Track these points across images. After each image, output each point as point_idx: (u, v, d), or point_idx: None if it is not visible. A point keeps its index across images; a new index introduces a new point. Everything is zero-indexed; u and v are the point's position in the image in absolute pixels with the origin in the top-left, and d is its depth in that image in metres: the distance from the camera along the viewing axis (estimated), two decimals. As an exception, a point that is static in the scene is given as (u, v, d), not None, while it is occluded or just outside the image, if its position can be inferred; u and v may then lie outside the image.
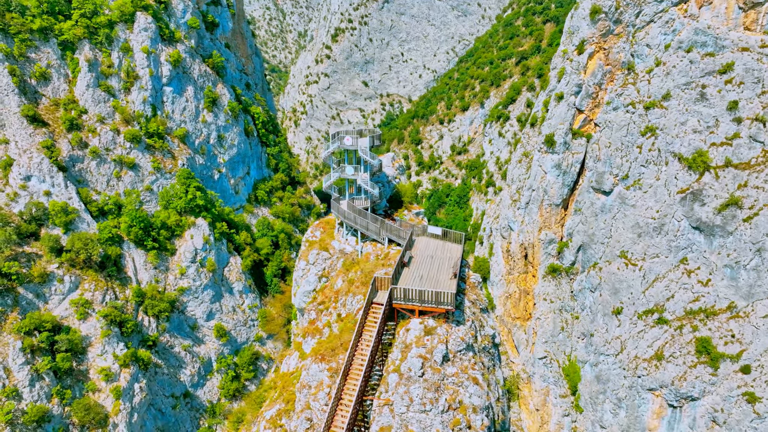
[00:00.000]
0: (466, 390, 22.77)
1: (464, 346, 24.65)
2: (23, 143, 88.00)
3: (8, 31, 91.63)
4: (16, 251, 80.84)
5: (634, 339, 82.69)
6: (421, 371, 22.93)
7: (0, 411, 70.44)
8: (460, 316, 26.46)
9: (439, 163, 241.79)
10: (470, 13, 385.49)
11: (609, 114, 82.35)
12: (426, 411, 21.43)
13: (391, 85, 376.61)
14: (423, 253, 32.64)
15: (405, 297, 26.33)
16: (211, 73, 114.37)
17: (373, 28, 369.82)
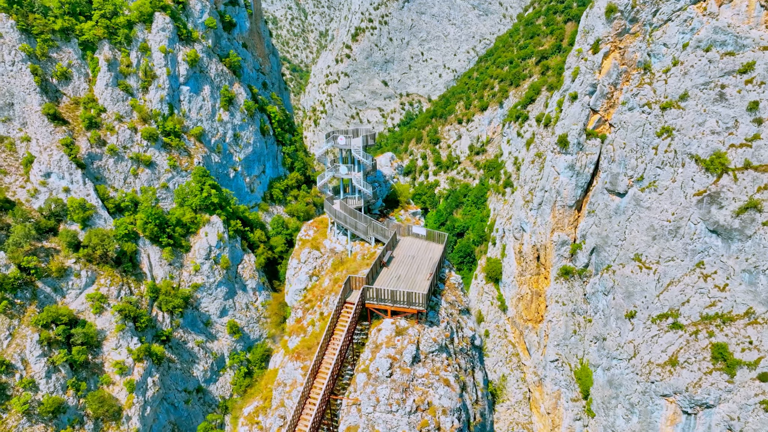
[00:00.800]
0: (436, 391, 22.64)
1: (437, 348, 24.50)
2: (44, 141, 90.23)
3: (31, 31, 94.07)
4: (35, 246, 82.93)
5: (647, 343, 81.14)
6: (390, 371, 22.90)
7: (17, 401, 72.35)
8: (435, 317, 26.28)
9: (456, 163, 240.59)
10: (491, 12, 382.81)
11: (624, 114, 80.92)
12: (393, 411, 21.41)
13: (411, 85, 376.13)
14: (405, 253, 32.57)
15: (378, 297, 26.33)
16: (228, 72, 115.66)
17: (393, 27, 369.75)
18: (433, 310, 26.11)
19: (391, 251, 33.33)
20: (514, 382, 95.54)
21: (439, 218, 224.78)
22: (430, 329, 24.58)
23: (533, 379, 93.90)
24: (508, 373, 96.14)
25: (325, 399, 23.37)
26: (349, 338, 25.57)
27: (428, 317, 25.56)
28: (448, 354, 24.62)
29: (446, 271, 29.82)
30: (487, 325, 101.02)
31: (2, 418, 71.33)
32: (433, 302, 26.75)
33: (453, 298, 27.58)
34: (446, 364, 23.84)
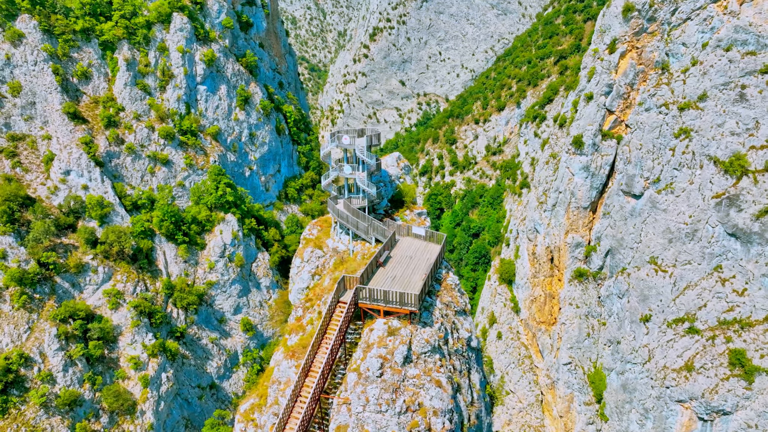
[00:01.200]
0: (428, 392, 22.49)
1: (429, 348, 24.35)
2: (64, 139, 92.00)
3: (53, 32, 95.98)
4: (55, 242, 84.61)
5: (662, 348, 79.87)
6: (380, 371, 22.83)
7: (35, 393, 73.93)
8: (429, 317, 26.14)
9: (473, 164, 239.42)
10: (510, 12, 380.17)
11: (641, 115, 79.73)
12: (382, 412, 21.33)
13: (428, 85, 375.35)
14: (403, 253, 32.46)
15: (371, 297, 26.29)
16: (244, 72, 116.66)
17: (411, 27, 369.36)
18: (427, 311, 26.02)
19: (389, 251, 33.25)
20: (526, 385, 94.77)
21: (454, 219, 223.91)
22: (422, 330, 24.48)
23: (546, 381, 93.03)
24: (520, 375, 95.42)
25: (316, 398, 23.46)
26: (341, 337, 25.66)
27: (421, 318, 25.44)
28: (442, 355, 24.48)
29: (443, 272, 29.66)
30: (500, 327, 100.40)
31: (21, 410, 72.95)
32: (427, 303, 26.66)
33: (449, 299, 27.38)
34: (439, 365, 23.72)
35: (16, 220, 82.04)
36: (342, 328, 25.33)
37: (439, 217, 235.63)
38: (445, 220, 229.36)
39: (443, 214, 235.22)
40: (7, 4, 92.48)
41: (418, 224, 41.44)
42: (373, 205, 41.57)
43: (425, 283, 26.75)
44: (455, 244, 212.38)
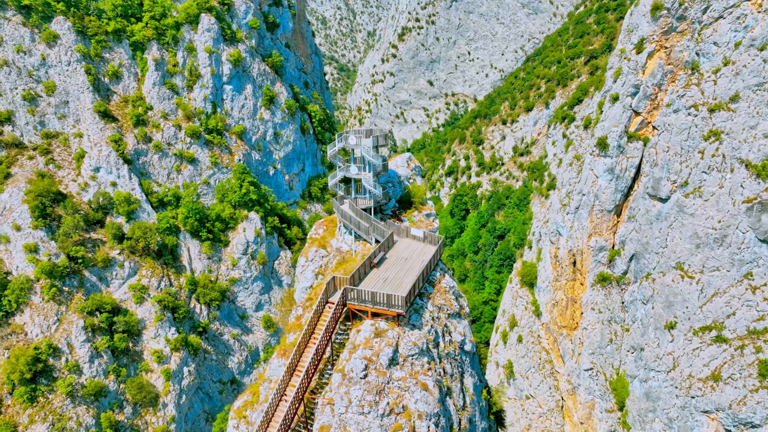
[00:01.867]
0: (413, 395, 22.30)
1: (417, 351, 24.14)
2: (95, 137, 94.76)
3: (86, 33, 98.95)
4: (84, 237, 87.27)
5: (688, 356, 77.55)
6: (364, 373, 22.78)
7: (62, 383, 76.42)
8: (418, 320, 25.93)
9: (500, 164, 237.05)
10: (541, 11, 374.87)
11: (669, 116, 77.53)
12: (365, 413, 21.26)
13: (457, 85, 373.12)
14: (399, 255, 32.30)
15: (359, 298, 26.28)
16: (270, 72, 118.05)
17: (440, 26, 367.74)
18: (417, 314, 25.85)
19: (385, 252, 33.18)
20: (546, 390, 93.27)
21: (480, 220, 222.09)
22: (411, 332, 24.35)
23: (566, 387, 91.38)
24: (540, 380, 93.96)
25: (300, 397, 23.62)
26: (327, 337, 25.74)
27: (410, 320, 25.30)
28: (431, 358, 24.29)
29: (437, 274, 29.39)
30: (521, 330, 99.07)
31: (48, 399, 75.49)
32: (418, 305, 26.49)
33: (442, 301, 27.15)
34: (427, 369, 23.54)
35: (48, 215, 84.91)
36: (329, 329, 25.45)
37: (465, 218, 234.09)
38: (470, 221, 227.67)
39: (468, 215, 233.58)
40: (44, 6, 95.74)
41: (426, 225, 41.18)
42: (381, 206, 41.57)
43: (414, 285, 26.61)
44: (480, 245, 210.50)
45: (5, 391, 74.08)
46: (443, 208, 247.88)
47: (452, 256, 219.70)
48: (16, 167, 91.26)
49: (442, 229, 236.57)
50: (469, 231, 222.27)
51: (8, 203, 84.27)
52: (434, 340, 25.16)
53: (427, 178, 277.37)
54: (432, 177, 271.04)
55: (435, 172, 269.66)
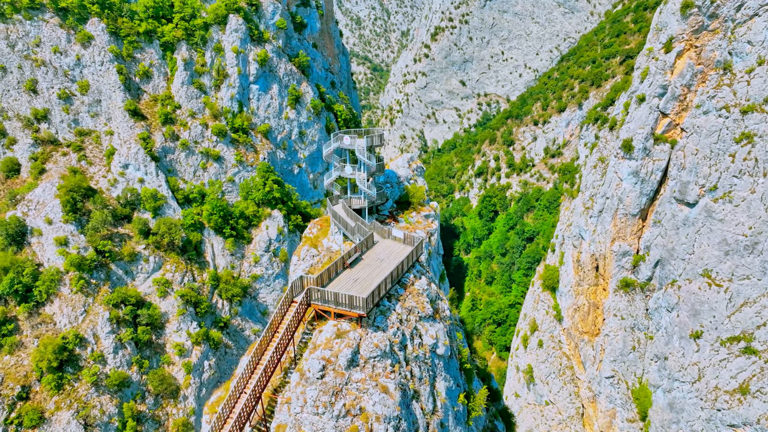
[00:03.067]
0: (371, 397, 22.04)
1: (379, 353, 23.85)
2: (124, 134, 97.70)
3: (119, 34, 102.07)
4: (111, 231, 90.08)
5: (714, 367, 74.76)
6: (321, 373, 22.69)
7: (87, 372, 79.08)
8: (383, 322, 25.66)
9: (530, 166, 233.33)
10: (578, 10, 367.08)
11: (698, 118, 74.82)
12: (319, 414, 21.18)
13: (489, 85, 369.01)
14: (377, 255, 32.04)
15: (322, 298, 26.24)
16: (296, 71, 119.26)
17: (474, 26, 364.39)
18: (383, 315, 25.62)
19: (362, 253, 33.07)
20: (566, 396, 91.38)
21: (508, 222, 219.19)
22: (374, 334, 24.15)
23: (587, 394, 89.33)
24: (560, 386, 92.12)
25: (257, 395, 23.80)
26: (289, 336, 25.87)
27: (375, 322, 25.13)
28: (395, 361, 24.01)
29: (410, 276, 29.02)
30: (541, 335, 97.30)
31: (74, 387, 78.23)
32: (385, 307, 26.23)
33: (413, 304, 26.77)
34: (389, 371, 23.28)
35: (79, 209, 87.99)
36: (290, 327, 25.60)
37: (493, 220, 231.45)
38: (498, 223, 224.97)
39: (497, 216, 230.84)
40: (79, 9, 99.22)
41: (425, 227, 40.88)
42: (377, 207, 41.52)
43: (379, 287, 26.43)
44: (507, 247, 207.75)
45: (34, 378, 77.10)
46: (472, 210, 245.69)
47: (479, 257, 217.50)
48: (51, 163, 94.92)
49: (470, 231, 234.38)
50: (497, 233, 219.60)
51: (42, 198, 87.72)
52: (401, 343, 24.94)
53: (457, 178, 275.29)
54: (461, 178, 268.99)
55: (464, 172, 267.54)
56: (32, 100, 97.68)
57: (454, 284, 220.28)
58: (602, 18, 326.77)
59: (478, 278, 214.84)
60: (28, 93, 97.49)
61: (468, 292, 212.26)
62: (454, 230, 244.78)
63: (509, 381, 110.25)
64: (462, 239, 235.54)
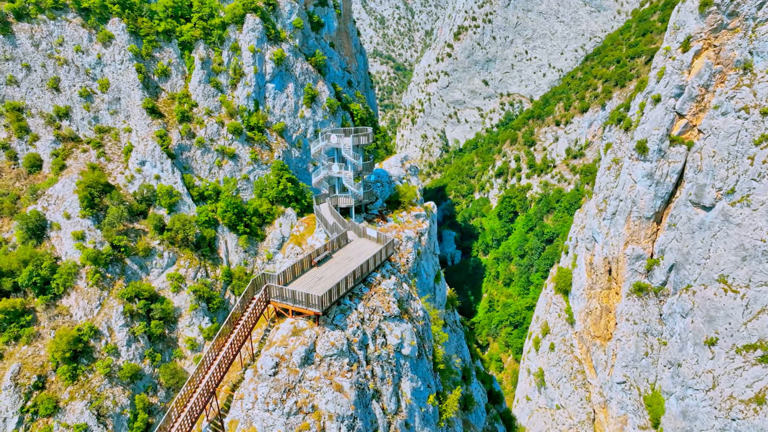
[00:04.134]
0: (324, 395, 21.96)
1: (335, 352, 23.71)
2: (142, 132, 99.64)
3: (139, 33, 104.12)
4: (127, 227, 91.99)
5: (729, 376, 72.74)
6: (274, 370, 22.70)
7: (101, 364, 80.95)
8: (342, 320, 25.53)
9: (551, 167, 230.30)
10: (605, 9, 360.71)
11: (716, 119, 72.79)
12: (269, 410, 21.20)
13: (513, 84, 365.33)
14: (348, 255, 31.92)
15: (281, 296, 26.32)
16: (313, 71, 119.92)
17: (497, 25, 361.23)
18: (343, 314, 25.53)
19: (331, 252, 33.07)
20: (577, 401, 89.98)
21: (528, 223, 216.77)
22: (331, 333, 24.06)
23: (599, 399, 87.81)
24: (571, 390, 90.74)
25: (210, 390, 24.02)
26: (246, 333, 26.04)
27: (334, 320, 25.06)
28: (354, 360, 23.88)
29: (377, 276, 28.81)
30: (553, 338, 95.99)
31: (88, 378, 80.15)
32: (345, 306, 26.12)
33: (378, 304, 26.57)
34: (346, 370, 23.16)
35: (96, 205, 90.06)
36: (247, 324, 25.76)
37: (513, 221, 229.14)
38: (517, 224, 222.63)
39: (517, 217, 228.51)
40: (101, 9, 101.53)
41: (415, 227, 40.63)
42: (366, 206, 41.49)
43: (338, 285, 26.35)
44: (526, 249, 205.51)
45: (50, 369, 79.22)
46: (491, 210, 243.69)
47: (498, 259, 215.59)
48: (71, 159, 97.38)
49: (488, 232, 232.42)
50: (517, 234, 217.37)
51: (61, 193, 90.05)
52: (362, 342, 24.82)
53: (477, 179, 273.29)
54: (482, 178, 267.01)
55: (485, 173, 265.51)
56: (55, 97, 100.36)
57: (472, 285, 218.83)
58: (629, 17, 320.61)
59: (496, 279, 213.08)
60: (51, 91, 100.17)
61: (485, 293, 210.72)
62: (472, 231, 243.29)
63: (521, 384, 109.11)
64: (480, 240, 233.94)
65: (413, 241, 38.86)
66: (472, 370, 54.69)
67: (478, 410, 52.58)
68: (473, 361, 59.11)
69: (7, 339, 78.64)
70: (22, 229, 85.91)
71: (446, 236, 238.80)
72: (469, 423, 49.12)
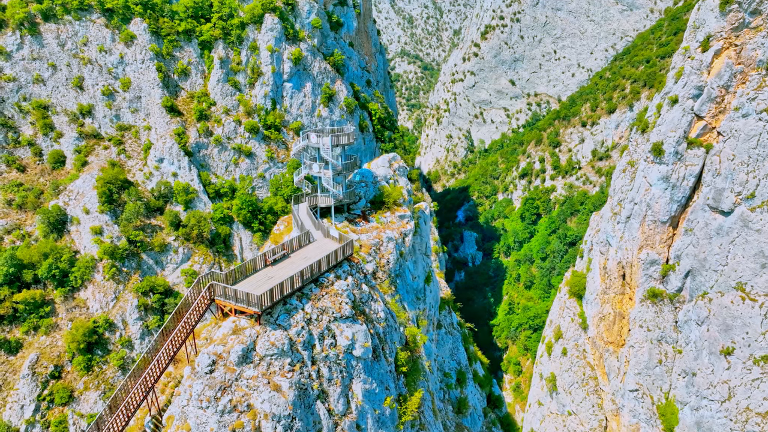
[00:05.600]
0: (260, 395, 21.91)
1: (276, 351, 23.59)
2: (161, 130, 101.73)
3: (160, 33, 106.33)
4: (144, 222, 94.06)
5: (745, 387, 70.27)
6: (210, 368, 22.74)
7: (115, 356, 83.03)
8: (286, 320, 25.41)
9: (576, 168, 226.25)
10: (637, 7, 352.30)
11: (736, 121, 70.24)
12: (203, 408, 21.29)
13: (540, 84, 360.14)
14: (306, 254, 31.76)
15: (224, 294, 26.41)
16: (331, 70, 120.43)
17: (525, 24, 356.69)
18: (287, 314, 25.45)
19: (289, 251, 33.08)
20: (589, 407, 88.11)
21: (551, 225, 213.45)
22: (273, 332, 23.99)
23: (611, 407, 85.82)
24: (583, 396, 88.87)
25: (149, 385, 24.37)
26: (188, 330, 26.25)
27: (278, 320, 24.98)
28: (297, 360, 23.76)
29: (330, 276, 28.55)
30: (566, 343, 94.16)
31: (102, 369, 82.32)
32: (291, 306, 26.03)
33: (328, 304, 26.34)
34: (287, 370, 23.08)
35: (114, 200, 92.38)
36: (189, 321, 25.99)
37: (535, 223, 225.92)
38: (540, 226, 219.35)
39: (540, 219, 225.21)
40: (124, 9, 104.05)
41: (398, 227, 40.37)
42: (349, 206, 41.45)
43: (281, 284, 26.29)
44: (548, 251, 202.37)
45: (66, 359, 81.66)
46: (514, 212, 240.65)
47: (519, 261, 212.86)
48: (93, 156, 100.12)
49: (510, 233, 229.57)
50: (539, 236, 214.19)
51: (81, 188, 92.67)
52: (308, 342, 24.72)
53: (501, 180, 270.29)
54: (505, 179, 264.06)
55: (508, 174, 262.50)
56: (78, 96, 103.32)
57: (492, 287, 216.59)
58: (662, 15, 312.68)
59: (516, 282, 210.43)
60: (75, 89, 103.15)
61: (506, 296, 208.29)
62: (494, 232, 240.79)
63: (533, 389, 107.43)
64: (502, 242, 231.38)
65: (395, 242, 38.71)
66: (467, 373, 54.09)
67: (474, 414, 51.94)
68: (471, 364, 58.41)
69: (27, 329, 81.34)
70: (43, 223, 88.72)
71: (467, 237, 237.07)
72: (463, 426, 48.53)
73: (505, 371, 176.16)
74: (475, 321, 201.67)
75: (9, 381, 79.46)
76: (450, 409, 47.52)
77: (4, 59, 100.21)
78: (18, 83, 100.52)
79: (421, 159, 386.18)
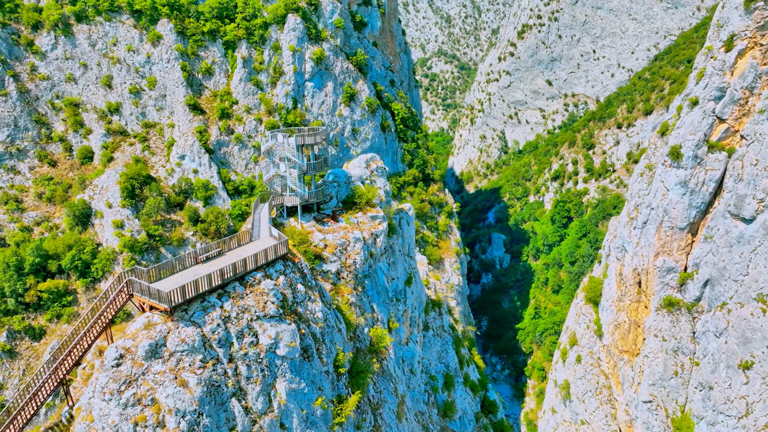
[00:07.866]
0: (165, 389, 22.09)
1: (187, 348, 23.69)
2: (184, 127, 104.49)
3: (185, 33, 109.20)
4: (165, 217, 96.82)
5: (764, 403, 66.96)
6: (117, 362, 23.05)
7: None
8: (201, 317, 25.46)
9: (610, 171, 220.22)
10: (682, 5, 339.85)
11: (761, 125, 66.84)
12: (106, 400, 21.62)
13: (578, 85, 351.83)
14: (243, 254, 31.79)
15: (140, 290, 26.70)
16: (353, 69, 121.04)
17: (564, 23, 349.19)
18: (203, 311, 25.57)
19: (223, 250, 33.24)
20: (602, 417, 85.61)
21: (581, 229, 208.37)
22: (185, 328, 24.16)
23: (624, 417, 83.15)
24: (596, 405, 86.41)
25: (57, 377, 25.20)
26: (103, 324, 26.73)
27: (193, 317, 25.14)
28: (211, 357, 23.86)
29: (257, 275, 28.49)
30: (580, 350, 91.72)
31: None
32: (209, 303, 26.13)
33: (251, 303, 26.31)
34: (198, 366, 23.26)
35: (136, 195, 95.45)
36: (106, 315, 26.51)
37: (566, 226, 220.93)
38: (571, 230, 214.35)
39: (570, 223, 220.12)
40: (151, 10, 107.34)
41: (370, 228, 40.20)
42: (319, 205, 41.55)
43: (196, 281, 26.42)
44: (577, 256, 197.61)
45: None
46: (544, 214, 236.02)
47: (547, 265, 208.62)
48: (119, 152, 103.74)
49: (540, 236, 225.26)
50: (569, 240, 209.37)
51: (106, 183, 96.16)
52: (224, 340, 24.86)
53: (533, 181, 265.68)
54: (537, 181, 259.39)
55: (540, 176, 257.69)
56: (107, 94, 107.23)
57: (519, 290, 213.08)
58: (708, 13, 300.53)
59: (544, 286, 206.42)
60: (104, 88, 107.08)
61: (533, 300, 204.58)
62: (523, 235, 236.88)
63: (548, 395, 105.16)
64: (531, 245, 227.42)
65: (362, 243, 38.59)
66: (456, 377, 53.31)
67: (465, 418, 51.14)
68: (462, 367, 57.59)
69: (50, 317, 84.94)
70: (69, 216, 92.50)
71: (495, 239, 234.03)
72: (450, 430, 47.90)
73: (529, 376, 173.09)
74: (501, 324, 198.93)
75: (32, 366, 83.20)
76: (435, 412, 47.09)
77: (39, 59, 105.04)
78: (51, 81, 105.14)
79: (454, 159, 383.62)
